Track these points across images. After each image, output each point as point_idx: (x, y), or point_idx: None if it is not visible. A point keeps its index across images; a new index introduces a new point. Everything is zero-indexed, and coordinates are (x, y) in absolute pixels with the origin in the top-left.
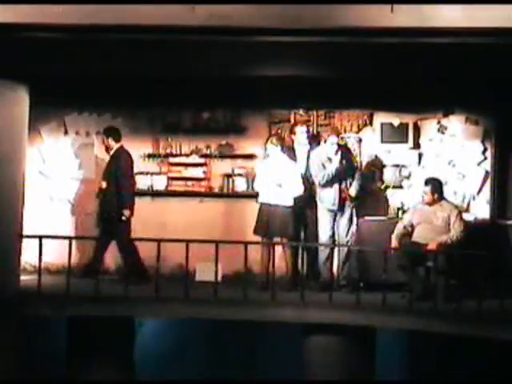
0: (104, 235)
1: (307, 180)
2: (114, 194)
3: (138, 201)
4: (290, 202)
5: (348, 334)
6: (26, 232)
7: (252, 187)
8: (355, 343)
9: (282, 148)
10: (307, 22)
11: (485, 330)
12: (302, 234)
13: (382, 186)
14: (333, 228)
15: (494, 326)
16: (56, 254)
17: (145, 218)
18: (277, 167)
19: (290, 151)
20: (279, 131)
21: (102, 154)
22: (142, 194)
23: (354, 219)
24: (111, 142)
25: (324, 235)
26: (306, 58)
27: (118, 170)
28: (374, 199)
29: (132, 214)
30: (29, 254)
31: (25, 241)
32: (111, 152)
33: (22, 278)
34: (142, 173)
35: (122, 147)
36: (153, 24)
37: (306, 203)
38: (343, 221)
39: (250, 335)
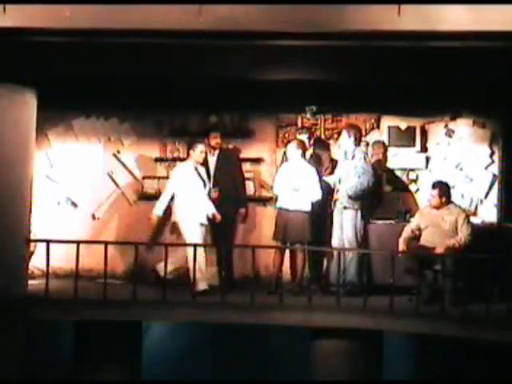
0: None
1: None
2: (230, 197)
3: (147, 205)
4: (308, 207)
5: (355, 338)
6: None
7: (254, 191)
8: (363, 347)
9: (303, 153)
10: (315, 26)
11: (493, 334)
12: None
13: (388, 189)
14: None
15: (502, 330)
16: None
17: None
18: (296, 172)
19: (313, 156)
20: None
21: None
22: (150, 198)
23: (358, 222)
24: (219, 140)
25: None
26: (313, 62)
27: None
28: (381, 202)
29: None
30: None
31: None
32: (213, 152)
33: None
34: (149, 177)
35: (226, 147)
36: (161, 28)
37: (324, 208)
38: (345, 224)
39: (257, 339)
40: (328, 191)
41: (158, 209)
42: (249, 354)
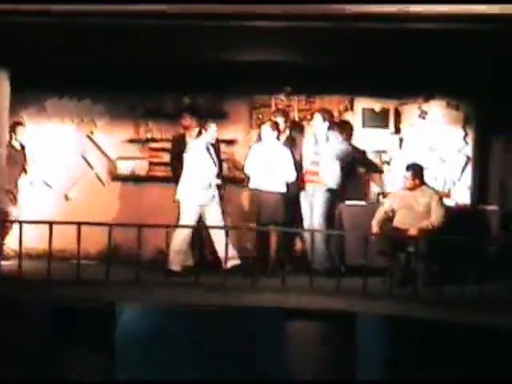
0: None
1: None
2: None
3: (119, 186)
4: (283, 188)
5: (328, 319)
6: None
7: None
8: (336, 328)
9: (278, 134)
10: (288, 7)
11: (465, 316)
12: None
13: (362, 171)
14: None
15: (475, 312)
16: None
17: (126, 203)
18: (270, 152)
19: (289, 139)
20: (275, 116)
21: None
22: (124, 178)
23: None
24: (194, 122)
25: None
26: (286, 44)
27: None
28: (354, 184)
29: None
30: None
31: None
32: (191, 134)
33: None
34: (123, 158)
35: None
36: (134, 9)
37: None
38: (319, 205)
39: (230, 320)
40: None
41: (180, 193)
42: (222, 336)
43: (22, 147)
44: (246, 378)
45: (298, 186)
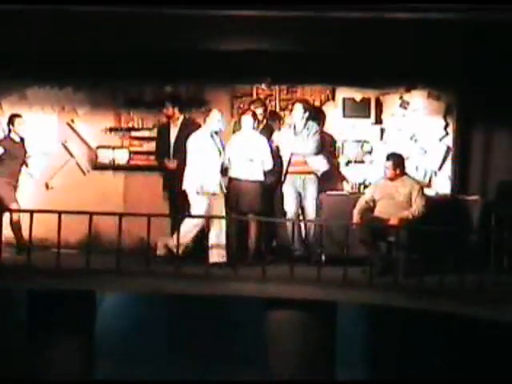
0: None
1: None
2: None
3: (100, 175)
4: (261, 177)
5: (308, 309)
6: None
7: None
8: (316, 318)
9: (257, 124)
10: None
11: (445, 305)
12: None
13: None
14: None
15: (455, 301)
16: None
17: (107, 191)
18: (248, 142)
19: (265, 128)
20: (251, 106)
21: None
22: (104, 167)
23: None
24: (176, 111)
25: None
26: (268, 33)
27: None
28: (333, 174)
29: None
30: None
31: None
32: (176, 123)
33: None
34: (103, 146)
35: (189, 118)
36: None
37: (276, 178)
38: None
39: (211, 310)
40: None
41: (187, 182)
42: (203, 324)
43: (22, 139)
44: (224, 367)
45: (276, 174)
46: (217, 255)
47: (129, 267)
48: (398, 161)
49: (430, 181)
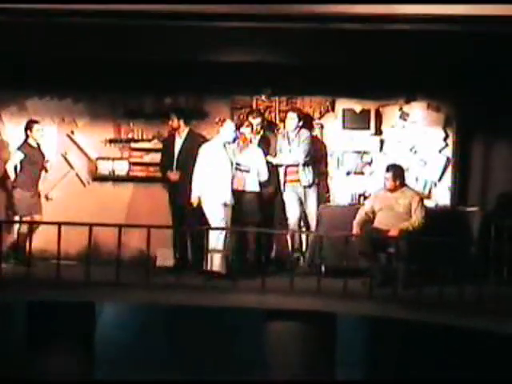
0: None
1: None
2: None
3: (99, 186)
4: (257, 188)
5: (309, 320)
6: None
7: None
8: (316, 329)
9: (253, 135)
10: (269, 8)
11: (445, 317)
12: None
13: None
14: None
15: (454, 313)
16: None
17: (106, 203)
18: (244, 153)
19: (263, 139)
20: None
21: None
22: (104, 179)
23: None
24: (181, 123)
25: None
26: (267, 44)
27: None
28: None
29: None
30: None
31: None
32: (181, 135)
33: None
34: (103, 158)
35: (192, 130)
36: (115, 9)
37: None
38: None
39: (210, 321)
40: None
41: (197, 193)
42: (203, 336)
43: (39, 145)
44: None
45: (273, 185)
46: (214, 265)
47: (128, 278)
48: (397, 172)
49: (429, 192)
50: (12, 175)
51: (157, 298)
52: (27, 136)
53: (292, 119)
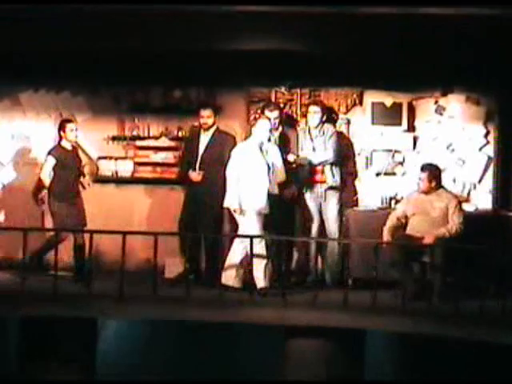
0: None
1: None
2: (215, 185)
3: (101, 188)
4: (275, 190)
5: (334, 337)
6: None
7: None
8: (343, 347)
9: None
10: None
11: (486, 334)
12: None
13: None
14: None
15: (495, 329)
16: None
17: (109, 207)
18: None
19: (281, 135)
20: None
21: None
22: (106, 180)
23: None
24: (212, 120)
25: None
26: (288, 31)
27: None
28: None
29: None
30: None
31: None
32: (207, 132)
33: None
34: (105, 157)
35: (219, 128)
36: None
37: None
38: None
39: (226, 338)
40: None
41: (233, 200)
42: (215, 355)
43: (74, 147)
44: None
45: (293, 187)
46: (231, 277)
47: (133, 291)
48: (433, 172)
49: (468, 194)
50: (47, 184)
51: (165, 313)
52: (61, 137)
53: (315, 113)
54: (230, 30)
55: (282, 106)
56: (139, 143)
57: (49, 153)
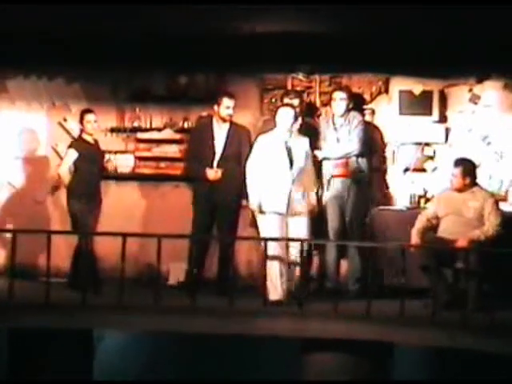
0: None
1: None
2: (233, 184)
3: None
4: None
5: (358, 351)
6: None
7: None
8: (367, 362)
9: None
10: None
11: None
12: None
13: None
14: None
15: None
16: None
17: (108, 206)
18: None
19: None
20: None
21: None
22: (104, 177)
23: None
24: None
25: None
26: (306, 11)
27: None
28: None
29: None
30: None
31: None
32: (221, 124)
33: None
34: (103, 151)
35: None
36: None
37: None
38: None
39: (236, 352)
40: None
41: (254, 199)
42: (225, 371)
43: (96, 141)
44: None
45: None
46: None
47: (134, 300)
48: (467, 168)
49: (506, 193)
50: (66, 181)
51: (167, 324)
52: (81, 130)
53: (341, 100)
54: (241, 9)
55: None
56: (140, 135)
57: (69, 146)
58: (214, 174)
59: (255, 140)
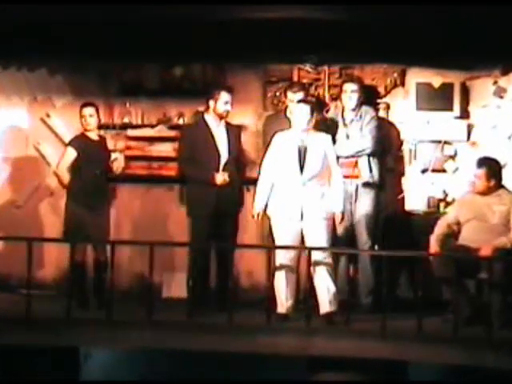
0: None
1: None
2: (234, 186)
3: None
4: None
5: (370, 371)
6: None
7: None
8: (380, 382)
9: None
10: None
11: None
12: None
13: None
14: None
15: None
16: None
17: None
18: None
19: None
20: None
21: None
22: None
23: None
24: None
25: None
26: None
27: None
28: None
29: None
30: None
31: None
32: (219, 122)
33: None
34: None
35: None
36: None
37: None
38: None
39: (235, 372)
40: None
41: (259, 202)
42: None
43: (101, 138)
44: None
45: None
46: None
47: (123, 315)
48: (492, 169)
49: None
50: (65, 182)
51: (161, 341)
52: (84, 125)
53: (352, 92)
54: None
55: (307, 86)
56: (131, 133)
57: (69, 143)
58: (222, 178)
59: (271, 138)
